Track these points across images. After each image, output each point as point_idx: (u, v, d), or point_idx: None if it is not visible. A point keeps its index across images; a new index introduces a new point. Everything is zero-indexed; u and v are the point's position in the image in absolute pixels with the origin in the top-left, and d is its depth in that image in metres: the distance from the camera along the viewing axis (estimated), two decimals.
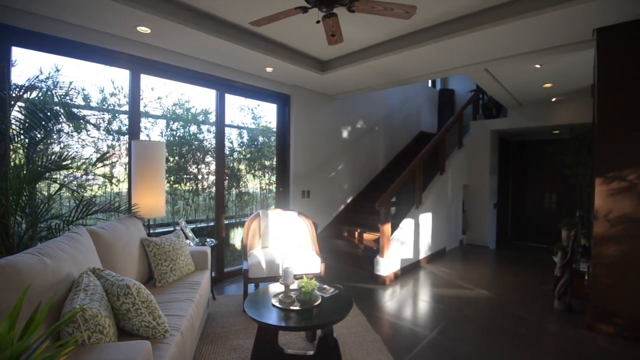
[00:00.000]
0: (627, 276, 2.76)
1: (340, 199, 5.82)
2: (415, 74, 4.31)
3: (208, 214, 4.40)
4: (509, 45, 3.30)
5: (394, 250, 4.35)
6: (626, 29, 2.76)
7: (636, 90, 2.73)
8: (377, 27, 3.24)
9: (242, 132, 4.82)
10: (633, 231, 2.73)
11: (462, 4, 2.80)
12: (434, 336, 2.82)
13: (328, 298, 2.32)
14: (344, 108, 5.80)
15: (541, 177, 6.96)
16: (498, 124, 6.31)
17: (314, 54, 4.06)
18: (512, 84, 4.69)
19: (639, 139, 2.71)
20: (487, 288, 4.09)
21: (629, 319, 2.76)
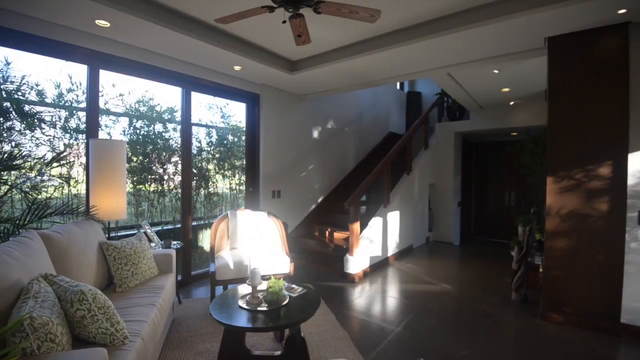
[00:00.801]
0: (575, 268, 2.99)
1: (311, 198, 5.85)
2: (383, 76, 4.42)
3: (175, 216, 4.27)
4: (469, 50, 3.47)
5: (363, 249, 4.43)
6: (574, 38, 2.98)
7: (583, 96, 2.96)
8: (345, 29, 3.29)
9: (211, 131, 4.72)
10: (580, 226, 2.96)
11: (424, 10, 2.91)
12: (399, 330, 2.91)
13: (296, 297, 2.33)
14: (315, 108, 5.83)
15: (501, 176, 7.35)
16: (461, 126, 6.60)
17: (283, 54, 4.06)
18: (473, 87, 4.92)
19: (586, 141, 2.94)
20: (451, 282, 4.27)
21: (577, 308, 2.99)
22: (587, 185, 2.92)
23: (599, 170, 2.87)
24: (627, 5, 2.51)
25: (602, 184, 2.85)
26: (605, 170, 2.84)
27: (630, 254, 2.81)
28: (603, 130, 2.87)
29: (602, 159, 2.85)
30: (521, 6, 2.64)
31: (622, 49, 2.80)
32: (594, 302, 2.91)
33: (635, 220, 2.80)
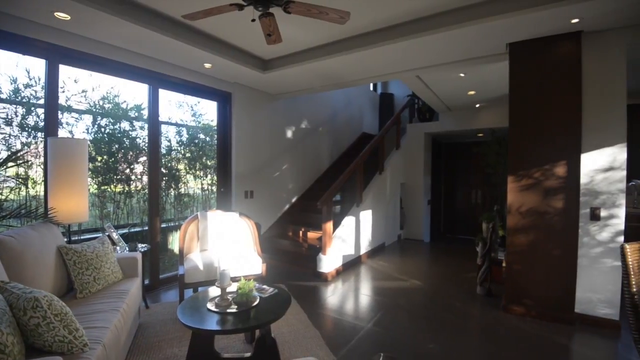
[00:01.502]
0: (533, 262, 3.16)
1: (285, 198, 5.83)
2: (354, 77, 4.48)
3: (142, 218, 4.13)
4: (436, 54, 3.58)
5: (336, 248, 4.47)
6: (533, 45, 3.15)
7: (541, 100, 3.13)
8: (317, 30, 3.30)
9: (181, 130, 4.59)
10: (538, 222, 3.14)
11: (393, 13, 2.99)
12: (370, 327, 2.96)
13: (267, 298, 2.31)
14: (288, 108, 5.81)
15: (468, 175, 7.65)
16: (431, 127, 6.81)
17: (255, 53, 4.02)
18: (441, 90, 5.09)
19: (544, 142, 3.12)
20: (420, 278, 4.40)
21: (536, 300, 3.16)
22: (545, 184, 3.10)
23: (555, 169, 3.05)
24: (579, 15, 2.68)
25: (558, 183, 3.04)
26: (561, 169, 3.03)
27: (583, 248, 3.02)
28: (559, 132, 3.05)
29: (558, 159, 3.04)
30: (484, 13, 2.77)
31: (575, 56, 2.99)
32: (551, 294, 3.09)
33: (588, 216, 3.01)
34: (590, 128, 2.99)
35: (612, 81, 2.93)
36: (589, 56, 3.00)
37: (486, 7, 2.75)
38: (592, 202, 2.98)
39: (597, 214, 2.96)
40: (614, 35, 2.92)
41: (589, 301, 3.02)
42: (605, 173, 2.94)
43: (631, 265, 1.74)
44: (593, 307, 3.01)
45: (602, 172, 2.95)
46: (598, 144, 2.96)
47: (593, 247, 2.99)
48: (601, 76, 2.97)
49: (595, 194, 2.98)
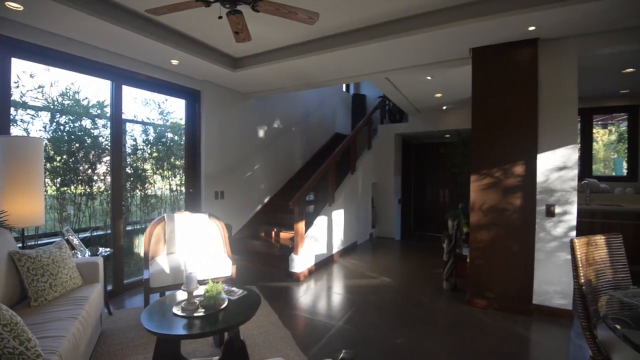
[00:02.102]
0: (495, 257, 3.32)
1: (257, 198, 5.76)
2: (326, 78, 4.50)
3: (106, 220, 3.94)
4: (404, 57, 3.68)
5: (308, 247, 4.48)
6: (494, 50, 3.31)
7: (502, 102, 3.29)
8: (287, 29, 3.29)
9: (148, 128, 4.42)
10: (499, 219, 3.30)
11: (363, 16, 3.03)
12: (341, 325, 3.00)
13: (235, 300, 2.28)
14: (260, 107, 5.75)
15: (437, 175, 7.91)
16: (401, 128, 6.98)
17: (225, 50, 3.94)
18: (409, 92, 5.23)
19: (504, 143, 3.28)
20: (390, 275, 4.50)
21: (498, 293, 3.32)
22: (505, 183, 3.26)
23: (514, 169, 3.22)
24: (535, 23, 2.84)
25: (517, 182, 3.21)
26: (519, 169, 3.20)
27: (539, 243, 3.21)
28: (517, 134, 3.22)
29: (517, 160, 3.21)
30: (448, 18, 2.87)
31: (532, 62, 3.17)
32: (511, 287, 3.26)
33: (543, 213, 3.20)
34: (546, 130, 3.19)
35: (564, 86, 3.14)
36: (545, 62, 3.20)
37: (451, 13, 2.86)
38: (548, 199, 3.18)
39: (552, 211, 3.16)
40: (567, 43, 3.12)
41: (546, 293, 3.22)
42: (559, 172, 3.15)
43: (579, 258, 1.87)
44: (549, 298, 3.21)
45: (556, 171, 3.16)
46: (552, 145, 3.16)
47: (548, 241, 3.19)
48: (555, 81, 3.17)
49: (550, 191, 3.18)
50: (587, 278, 1.87)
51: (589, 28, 2.94)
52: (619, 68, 4.04)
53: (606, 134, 5.66)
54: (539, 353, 2.65)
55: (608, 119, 5.61)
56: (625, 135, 5.33)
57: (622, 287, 1.97)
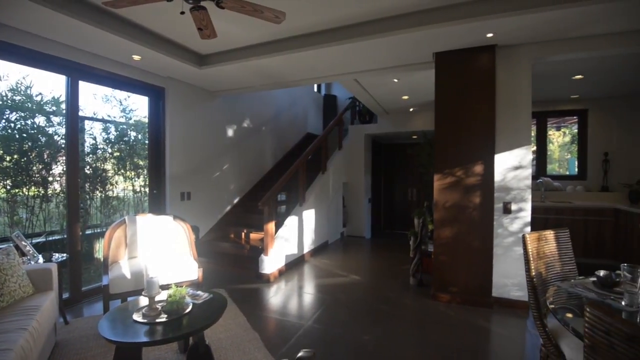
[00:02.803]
0: (457, 253, 3.46)
1: (226, 199, 5.65)
2: (295, 78, 4.50)
3: (63, 224, 3.71)
4: (371, 60, 3.75)
5: (279, 248, 4.45)
6: (456, 55, 3.45)
7: (462, 105, 3.43)
8: (255, 27, 3.25)
9: (109, 126, 4.21)
10: (460, 216, 3.44)
11: (330, 17, 3.06)
12: (310, 325, 3.00)
13: (200, 304, 2.23)
14: (229, 106, 5.64)
15: (405, 174, 8.13)
16: (370, 129, 7.11)
17: (190, 47, 3.83)
18: (378, 94, 5.34)
19: (464, 144, 3.42)
20: (360, 274, 4.58)
21: (460, 287, 3.47)
22: (465, 182, 3.41)
23: (474, 168, 3.38)
24: (493, 30, 2.99)
25: (476, 181, 3.37)
26: (478, 168, 3.36)
27: (497, 239, 3.38)
28: (477, 135, 3.38)
29: (476, 160, 3.37)
30: (412, 23, 2.96)
31: (491, 67, 3.33)
32: (472, 281, 3.42)
33: (501, 210, 3.38)
34: (502, 132, 3.37)
35: (519, 91, 3.33)
36: (502, 67, 3.37)
37: (415, 18, 2.94)
38: (505, 197, 3.37)
39: (508, 208, 3.34)
40: (522, 50, 3.31)
41: (504, 285, 3.40)
42: (515, 171, 3.34)
43: (530, 252, 1.99)
44: (507, 291, 3.39)
45: (513, 171, 3.34)
46: (508, 145, 3.35)
47: (506, 237, 3.37)
48: (511, 86, 3.36)
49: (507, 190, 3.36)
50: (538, 271, 2.00)
51: (541, 36, 3.13)
52: (569, 75, 4.34)
53: (561, 136, 6.06)
54: (498, 343, 2.79)
55: (561, 122, 6.01)
56: (577, 137, 5.74)
57: (569, 278, 2.12)
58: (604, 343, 0.93)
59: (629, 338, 0.86)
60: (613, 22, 2.82)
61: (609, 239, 4.75)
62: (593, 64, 3.91)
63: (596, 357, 0.97)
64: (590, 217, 4.83)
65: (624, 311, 1.50)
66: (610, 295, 1.69)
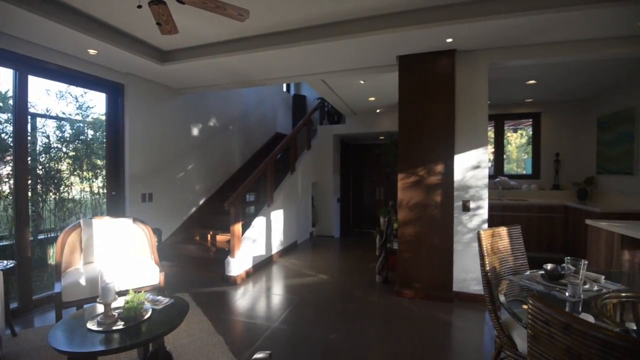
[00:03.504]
0: (420, 250, 3.58)
1: (192, 200, 5.49)
2: (262, 77, 4.45)
3: (11, 228, 3.44)
4: (337, 61, 3.79)
5: (246, 249, 4.39)
6: (418, 59, 3.56)
7: (424, 107, 3.55)
8: (220, 24, 3.19)
9: (64, 124, 3.96)
10: (423, 215, 3.56)
11: (295, 17, 3.06)
12: (276, 326, 2.99)
13: (161, 310, 2.15)
14: (194, 104, 5.48)
15: (373, 174, 8.29)
16: (339, 129, 7.18)
17: (151, 42, 3.69)
18: (345, 95, 5.40)
19: (426, 145, 3.55)
20: (327, 273, 4.62)
21: (423, 283, 3.59)
22: (427, 181, 3.54)
23: (435, 168, 3.51)
24: (452, 35, 3.12)
25: (437, 180, 3.50)
26: (439, 168, 3.50)
27: (457, 235, 3.54)
28: (438, 136, 3.51)
29: (437, 160, 3.50)
30: (376, 26, 3.02)
31: (450, 71, 3.47)
32: (435, 277, 3.55)
33: (460, 208, 3.54)
34: (461, 133, 3.53)
35: (477, 94, 3.50)
36: (461, 71, 3.53)
37: (378, 21, 3.01)
38: (464, 195, 3.53)
39: (467, 206, 3.51)
40: (479, 55, 3.48)
41: (464, 280, 3.56)
42: (473, 171, 3.50)
43: (485, 248, 2.10)
44: (467, 285, 3.56)
45: (471, 170, 3.51)
46: (467, 146, 3.51)
47: (465, 234, 3.53)
48: (469, 89, 3.52)
49: (466, 188, 3.52)
50: (492, 265, 2.11)
51: (497, 43, 3.31)
52: (524, 80, 4.62)
53: (518, 137, 6.42)
54: (458, 335, 2.92)
55: (518, 124, 6.37)
56: (531, 139, 6.11)
57: (521, 272, 2.26)
58: (544, 332, 1.00)
59: (565, 327, 0.93)
60: (561, 31, 3.03)
61: (560, 234, 5.11)
62: (545, 70, 4.18)
63: (538, 345, 1.03)
64: (543, 213, 5.17)
65: (567, 301, 1.62)
66: (556, 287, 1.82)
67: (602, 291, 1.73)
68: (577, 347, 0.89)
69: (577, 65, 3.94)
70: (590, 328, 0.85)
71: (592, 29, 2.97)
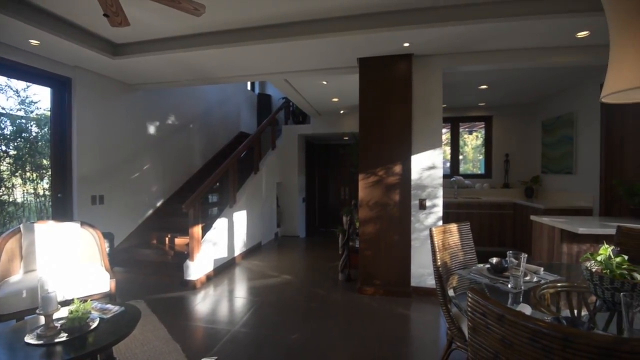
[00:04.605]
0: (380, 247, 3.68)
1: (148, 202, 5.24)
2: (223, 74, 4.35)
3: None
4: (298, 61, 3.79)
5: (206, 252, 4.26)
6: (378, 61, 3.65)
7: (383, 109, 3.65)
8: (176, 18, 3.06)
9: (4, 120, 3.64)
10: (382, 213, 3.66)
11: (255, 15, 3.02)
12: (237, 329, 2.93)
13: (109, 319, 2.03)
14: (151, 100, 5.23)
15: (338, 174, 8.40)
16: (304, 129, 7.19)
17: (103, 34, 3.47)
18: (309, 95, 5.42)
19: (385, 145, 3.64)
20: (291, 273, 4.60)
21: (383, 280, 3.69)
22: (386, 181, 3.64)
23: (394, 168, 3.62)
24: (408, 40, 3.23)
25: (396, 179, 3.61)
26: (398, 168, 3.61)
27: (415, 233, 3.67)
28: (396, 137, 3.62)
29: (396, 160, 3.61)
30: (337, 27, 3.06)
31: (408, 75, 3.59)
32: (394, 273, 3.66)
33: (417, 206, 3.68)
34: (418, 134, 3.67)
35: (432, 97, 3.65)
36: (417, 75, 3.66)
37: (340, 23, 3.05)
38: (420, 194, 3.67)
39: (423, 204, 3.65)
40: (434, 60, 3.63)
41: (421, 275, 3.70)
42: (429, 171, 3.65)
43: (437, 244, 2.19)
44: (424, 280, 3.70)
45: (427, 170, 3.66)
46: (423, 147, 3.66)
47: (422, 231, 3.67)
48: (425, 93, 3.67)
49: (423, 187, 3.67)
50: (444, 260, 2.21)
51: (450, 49, 3.47)
52: (476, 84, 4.88)
53: (474, 139, 6.78)
54: (416, 329, 3.04)
55: (472, 127, 6.73)
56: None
57: (470, 266, 2.38)
58: (482, 324, 1.05)
59: (499, 318, 0.99)
60: (507, 40, 3.24)
61: (509, 229, 5.47)
62: (495, 76, 4.46)
63: (477, 337, 1.09)
64: (494, 210, 5.50)
65: (510, 293, 1.73)
66: (500, 280, 1.93)
67: (541, 282, 1.86)
68: (510, 336, 0.95)
69: (524, 72, 4.24)
70: (520, 318, 0.92)
71: (535, 39, 3.20)
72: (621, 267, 1.46)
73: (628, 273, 1.42)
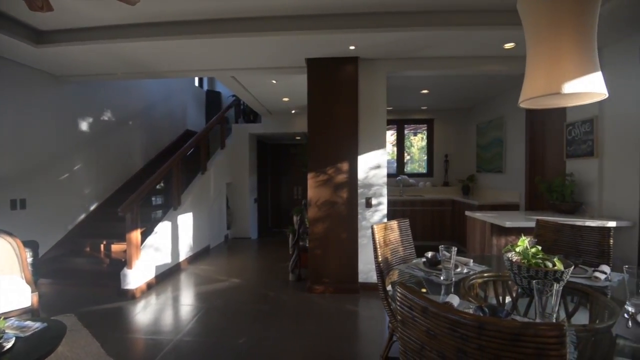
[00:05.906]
0: (329, 246, 3.74)
1: (80, 206, 4.79)
2: (164, 68, 4.11)
3: None
4: (246, 58, 3.72)
5: (147, 258, 4.00)
6: (326, 63, 3.70)
7: (331, 109, 3.71)
8: (109, 7, 2.82)
9: None
10: (331, 212, 3.73)
11: (197, 7, 2.89)
12: (179, 338, 2.79)
13: (28, 337, 1.82)
14: (84, 94, 4.78)
15: (291, 173, 8.38)
16: (255, 129, 7.06)
17: (23, 19, 3.09)
18: (258, 93, 5.33)
19: (333, 145, 3.71)
20: (240, 276, 4.50)
21: (332, 278, 3.76)
22: (335, 180, 3.71)
23: (342, 167, 3.70)
24: (354, 43, 3.32)
25: (344, 178, 3.70)
26: (345, 167, 3.70)
27: (361, 230, 3.79)
28: (343, 137, 3.71)
29: (343, 160, 3.70)
30: (284, 26, 3.04)
31: (354, 77, 3.69)
32: (342, 271, 3.74)
33: (364, 204, 3.80)
34: (364, 135, 3.79)
35: (376, 100, 3.80)
36: (363, 78, 3.78)
37: (287, 22, 3.03)
38: (367, 193, 3.80)
39: (370, 202, 3.78)
40: (378, 63, 3.77)
41: (368, 271, 3.83)
42: (375, 170, 3.79)
43: (378, 240, 2.28)
44: (371, 276, 3.83)
45: (373, 170, 3.80)
46: (369, 147, 3.79)
47: (368, 228, 3.80)
48: (370, 95, 3.80)
49: (369, 186, 3.80)
50: (385, 256, 2.30)
51: (392, 54, 3.63)
52: (418, 89, 5.16)
53: (419, 140, 7.14)
54: (363, 322, 3.14)
55: (416, 129, 7.09)
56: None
57: (409, 260, 2.51)
58: (409, 317, 1.11)
59: (423, 310, 1.05)
60: (445, 48, 3.46)
61: (449, 224, 5.86)
62: (435, 81, 4.75)
63: (406, 330, 1.14)
64: (435, 207, 5.86)
65: (442, 284, 1.85)
66: (434, 272, 2.06)
67: (470, 273, 2.02)
68: (433, 327, 1.01)
69: (460, 78, 4.56)
70: (440, 310, 0.98)
71: (469, 48, 3.46)
72: (536, 257, 1.62)
73: (542, 262, 1.59)
